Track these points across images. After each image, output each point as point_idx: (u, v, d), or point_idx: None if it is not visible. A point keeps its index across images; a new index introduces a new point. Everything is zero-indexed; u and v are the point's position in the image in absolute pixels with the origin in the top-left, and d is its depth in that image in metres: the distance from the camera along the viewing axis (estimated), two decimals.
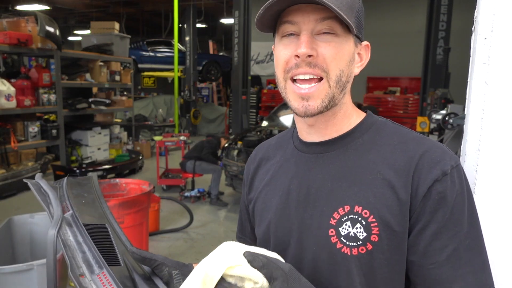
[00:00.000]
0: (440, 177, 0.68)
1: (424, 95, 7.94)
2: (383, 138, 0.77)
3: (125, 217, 2.70)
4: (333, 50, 0.70)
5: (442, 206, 0.68)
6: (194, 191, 5.58)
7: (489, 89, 0.78)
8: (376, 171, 0.73)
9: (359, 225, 0.71)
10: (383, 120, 0.81)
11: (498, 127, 0.78)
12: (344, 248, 0.72)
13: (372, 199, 0.71)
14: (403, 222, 0.69)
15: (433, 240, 0.68)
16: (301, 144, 0.83)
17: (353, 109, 0.81)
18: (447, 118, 3.40)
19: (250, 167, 0.96)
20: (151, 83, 14.22)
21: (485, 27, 0.77)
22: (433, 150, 0.71)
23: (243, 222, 1.01)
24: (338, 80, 0.72)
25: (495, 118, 0.78)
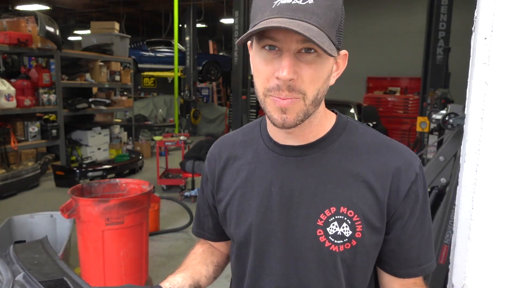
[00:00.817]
0: (414, 178, 0.79)
1: (424, 95, 7.93)
2: (357, 140, 0.83)
3: (125, 217, 2.70)
4: (313, 73, 0.71)
5: (416, 202, 0.80)
6: (194, 190, 5.59)
7: (489, 89, 0.77)
8: (356, 173, 0.79)
9: (345, 224, 0.78)
10: (351, 120, 0.87)
11: (498, 127, 0.78)
12: (332, 246, 0.79)
13: (355, 199, 0.78)
14: (381, 219, 0.80)
15: (412, 231, 0.82)
16: (276, 146, 0.84)
17: (325, 114, 0.84)
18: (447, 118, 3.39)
19: (214, 164, 0.94)
20: (151, 83, 14.21)
21: (485, 27, 0.77)
22: (403, 154, 0.81)
23: (201, 218, 1.02)
24: (314, 99, 0.74)
25: (495, 118, 0.78)
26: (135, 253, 2.86)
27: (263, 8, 0.70)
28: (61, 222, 3.16)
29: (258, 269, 0.85)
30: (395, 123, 10.02)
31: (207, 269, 0.97)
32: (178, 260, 3.66)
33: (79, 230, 2.79)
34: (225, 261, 1.05)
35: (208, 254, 1.01)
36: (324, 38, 0.67)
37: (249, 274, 0.87)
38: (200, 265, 0.96)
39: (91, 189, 3.11)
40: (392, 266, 0.85)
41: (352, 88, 11.46)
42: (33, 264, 0.95)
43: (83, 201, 2.67)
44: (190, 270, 0.92)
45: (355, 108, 7.42)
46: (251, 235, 0.85)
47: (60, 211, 2.63)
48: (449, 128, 2.96)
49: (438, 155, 2.48)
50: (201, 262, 0.97)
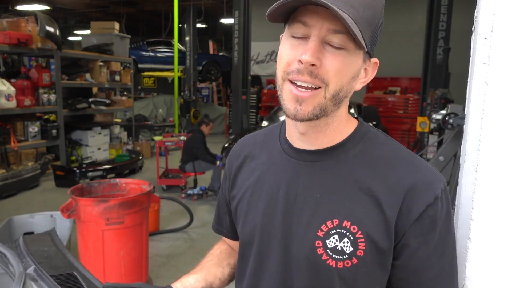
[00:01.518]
0: (432, 202, 0.71)
1: (424, 95, 7.93)
2: (375, 151, 0.77)
3: (125, 217, 2.70)
4: (338, 65, 0.68)
5: (432, 228, 0.71)
6: (196, 189, 5.60)
7: (489, 89, 0.77)
8: (366, 186, 0.73)
9: (347, 239, 0.72)
10: (374, 130, 0.81)
11: (498, 127, 0.78)
12: (330, 261, 0.73)
13: (360, 214, 0.72)
14: (388, 240, 0.72)
15: (424, 261, 0.72)
16: (290, 148, 0.82)
17: (347, 120, 0.79)
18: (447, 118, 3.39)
19: (233, 162, 0.94)
20: (151, 83, 14.21)
21: (485, 27, 0.77)
22: (424, 172, 0.73)
23: (221, 214, 1.01)
24: (335, 94, 0.70)
25: (495, 118, 0.78)
26: (135, 253, 2.86)
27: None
28: (61, 222, 3.16)
29: (258, 272, 0.83)
30: (395, 123, 10.02)
31: (222, 271, 0.95)
32: (178, 260, 3.66)
33: (79, 230, 2.79)
34: None
35: (225, 255, 1.00)
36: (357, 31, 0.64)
37: (249, 276, 0.86)
38: (215, 267, 0.95)
39: (91, 189, 3.11)
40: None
41: None
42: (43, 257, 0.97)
43: (83, 201, 2.67)
44: (204, 271, 0.91)
45: (355, 108, 7.42)
46: (254, 237, 0.83)
47: (60, 211, 2.63)
48: (449, 128, 2.97)
49: (438, 155, 2.49)
50: (217, 264, 0.96)
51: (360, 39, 0.65)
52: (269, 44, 12.40)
